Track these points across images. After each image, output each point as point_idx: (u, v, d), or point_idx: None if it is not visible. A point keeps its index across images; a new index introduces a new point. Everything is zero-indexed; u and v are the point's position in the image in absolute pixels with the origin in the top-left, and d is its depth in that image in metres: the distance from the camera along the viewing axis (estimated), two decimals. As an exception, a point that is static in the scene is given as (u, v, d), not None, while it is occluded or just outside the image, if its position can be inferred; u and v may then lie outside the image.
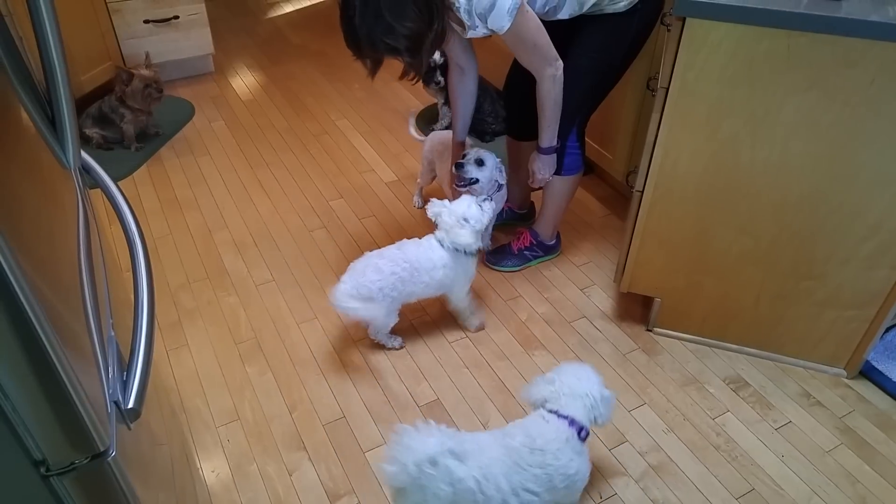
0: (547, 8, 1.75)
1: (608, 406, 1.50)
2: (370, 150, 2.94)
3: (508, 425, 1.49)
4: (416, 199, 2.60)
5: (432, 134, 2.41)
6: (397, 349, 2.00)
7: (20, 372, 0.66)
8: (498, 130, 2.94)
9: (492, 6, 1.63)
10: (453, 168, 2.10)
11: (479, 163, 2.08)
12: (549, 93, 1.82)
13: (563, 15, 1.78)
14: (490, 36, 1.74)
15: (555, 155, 1.98)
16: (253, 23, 4.17)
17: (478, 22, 1.67)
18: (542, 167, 2.00)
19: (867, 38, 1.38)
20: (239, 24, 4.13)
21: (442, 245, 1.90)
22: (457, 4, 1.66)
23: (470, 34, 1.73)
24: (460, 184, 2.10)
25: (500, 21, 1.65)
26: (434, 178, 2.46)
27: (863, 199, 1.59)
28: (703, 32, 1.50)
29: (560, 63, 1.78)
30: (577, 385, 1.48)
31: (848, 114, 1.49)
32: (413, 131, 2.76)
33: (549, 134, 1.92)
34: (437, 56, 2.89)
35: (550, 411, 1.47)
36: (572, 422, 1.44)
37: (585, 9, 1.77)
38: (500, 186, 2.17)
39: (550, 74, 1.78)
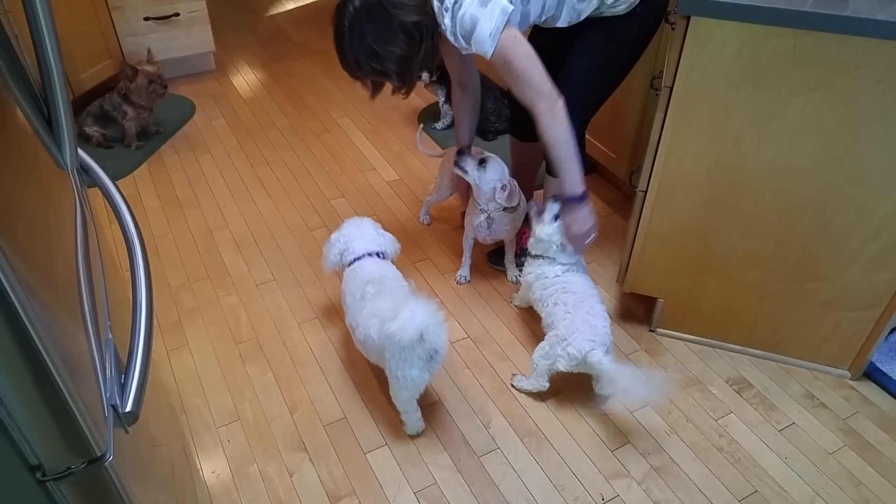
0: (544, 17, 1.74)
1: None
2: (371, 148, 2.93)
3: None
4: (424, 216, 2.50)
5: (452, 148, 2.29)
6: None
7: (15, 376, 0.65)
8: (500, 129, 2.93)
9: (472, 29, 1.60)
10: (455, 153, 2.04)
11: (482, 163, 2.00)
12: (547, 131, 1.68)
13: (562, 23, 1.76)
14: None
15: (588, 205, 1.77)
16: (254, 20, 4.16)
17: (464, 43, 1.65)
18: (576, 224, 1.78)
19: (874, 38, 1.37)
20: (240, 22, 4.12)
21: None
22: (443, 27, 1.65)
23: (465, 52, 1.72)
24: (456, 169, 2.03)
25: (483, 45, 1.61)
26: (452, 193, 2.34)
27: (868, 201, 1.58)
28: (707, 31, 1.48)
29: (560, 102, 1.64)
30: None
31: (854, 114, 1.47)
32: (421, 147, 2.57)
33: (568, 178, 1.73)
34: None
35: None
36: None
37: (584, 16, 1.75)
38: (503, 207, 2.02)
39: (544, 110, 1.65)
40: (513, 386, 1.88)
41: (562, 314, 1.75)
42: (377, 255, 1.84)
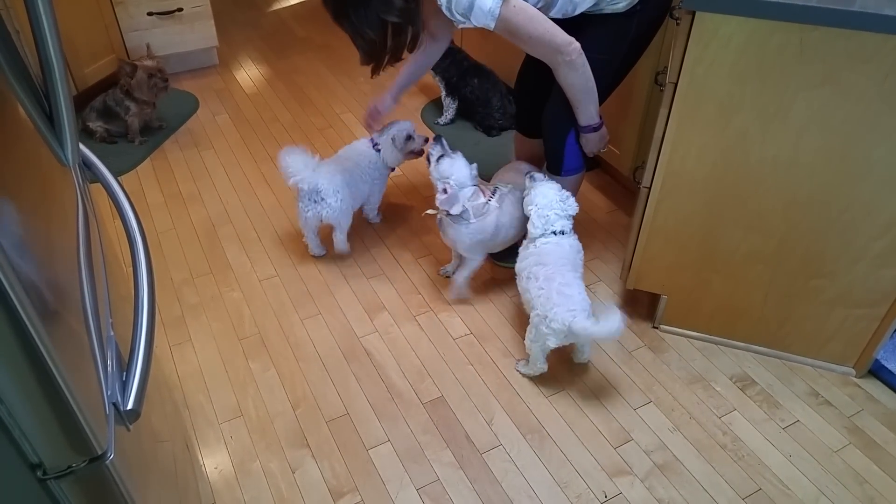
0: (540, 5, 1.73)
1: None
2: (375, 144, 2.92)
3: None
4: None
5: (511, 164, 2.24)
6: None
7: (16, 374, 0.65)
8: (504, 126, 2.92)
9: (470, 7, 1.62)
10: (433, 139, 2.03)
11: (441, 158, 1.97)
12: (565, 79, 1.76)
13: (556, 14, 1.75)
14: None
15: (598, 131, 1.90)
16: (257, 15, 4.15)
17: (462, 19, 1.66)
18: (588, 145, 1.95)
19: (882, 33, 1.35)
20: (243, 17, 4.11)
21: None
22: (438, 2, 1.67)
23: (461, 26, 1.72)
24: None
25: (484, 20, 1.64)
26: None
27: (875, 197, 1.57)
28: (713, 26, 1.47)
29: (574, 47, 1.70)
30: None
31: (861, 110, 1.46)
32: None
33: (582, 115, 1.85)
34: None
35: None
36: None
37: (579, 10, 1.75)
38: (447, 213, 1.93)
39: (562, 61, 1.72)
40: (517, 371, 1.90)
41: (535, 291, 1.77)
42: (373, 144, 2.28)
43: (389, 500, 1.61)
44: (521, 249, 1.93)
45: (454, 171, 1.93)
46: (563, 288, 1.74)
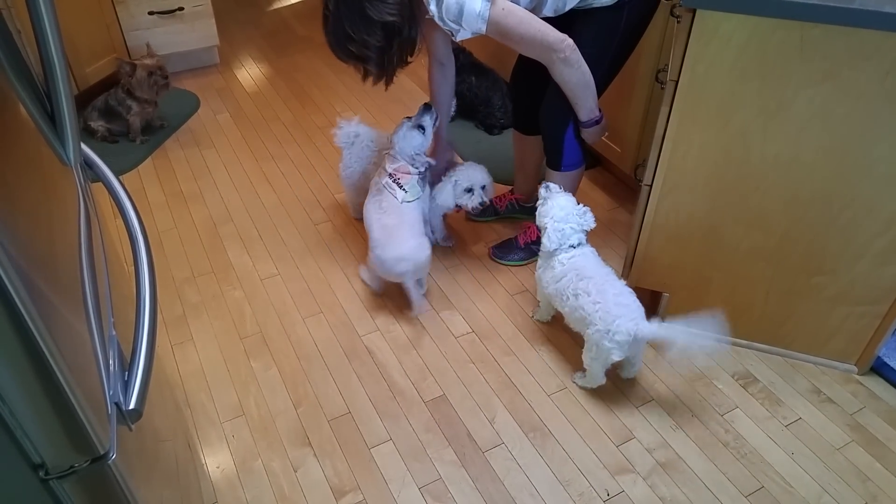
0: (533, 5, 1.74)
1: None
2: (376, 142, 2.92)
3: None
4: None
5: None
6: None
7: (18, 374, 0.65)
8: (506, 124, 2.91)
9: (460, 13, 1.64)
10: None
11: (419, 128, 2.05)
12: (561, 76, 1.77)
13: (548, 12, 1.76)
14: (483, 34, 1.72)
15: (599, 125, 1.92)
16: (258, 14, 4.15)
17: (454, 26, 1.68)
18: (590, 137, 1.97)
19: (882, 30, 1.35)
20: (244, 16, 4.11)
21: None
22: (430, 13, 1.69)
23: (459, 37, 1.73)
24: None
25: (475, 25, 1.66)
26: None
27: (876, 194, 1.56)
28: (713, 24, 1.47)
29: (566, 44, 1.70)
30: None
31: (862, 107, 1.46)
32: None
33: (582, 110, 1.86)
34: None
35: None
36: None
37: (569, 6, 1.75)
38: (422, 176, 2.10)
39: (557, 59, 1.73)
40: (574, 382, 1.88)
41: (590, 306, 1.71)
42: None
43: (391, 499, 1.61)
44: (541, 270, 1.89)
45: (397, 137, 2.07)
46: (619, 298, 1.70)
